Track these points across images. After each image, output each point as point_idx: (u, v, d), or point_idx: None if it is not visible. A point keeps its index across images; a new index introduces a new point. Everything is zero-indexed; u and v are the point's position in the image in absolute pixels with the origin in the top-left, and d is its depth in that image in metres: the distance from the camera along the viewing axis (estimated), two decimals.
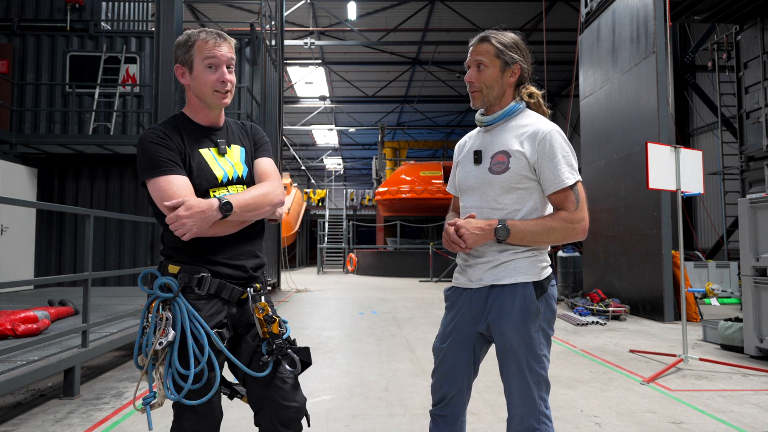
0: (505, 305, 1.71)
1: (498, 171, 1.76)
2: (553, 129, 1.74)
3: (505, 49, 1.80)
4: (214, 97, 1.75)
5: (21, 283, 3.44)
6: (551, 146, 1.71)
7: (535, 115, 1.82)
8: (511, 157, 1.74)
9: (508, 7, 15.85)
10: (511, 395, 1.73)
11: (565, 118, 19.75)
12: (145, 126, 9.93)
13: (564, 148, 1.73)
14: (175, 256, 1.72)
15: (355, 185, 36.35)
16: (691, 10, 9.10)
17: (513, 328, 1.70)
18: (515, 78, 1.82)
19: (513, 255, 1.74)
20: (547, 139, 1.72)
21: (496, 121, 1.82)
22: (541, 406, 1.69)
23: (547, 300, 1.74)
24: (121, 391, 3.99)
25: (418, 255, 18.42)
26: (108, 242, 9.78)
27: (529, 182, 1.75)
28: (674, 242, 6.99)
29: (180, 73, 1.77)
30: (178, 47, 1.76)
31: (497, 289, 1.74)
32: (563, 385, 4.17)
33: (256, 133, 1.93)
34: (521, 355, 1.70)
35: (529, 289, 1.71)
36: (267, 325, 1.70)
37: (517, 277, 1.72)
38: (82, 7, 10.16)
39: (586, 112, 10.03)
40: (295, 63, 19.08)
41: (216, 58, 1.72)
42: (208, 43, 1.72)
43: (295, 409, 1.71)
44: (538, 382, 1.70)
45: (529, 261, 1.74)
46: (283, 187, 1.86)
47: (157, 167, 1.66)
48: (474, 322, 1.80)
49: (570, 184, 1.70)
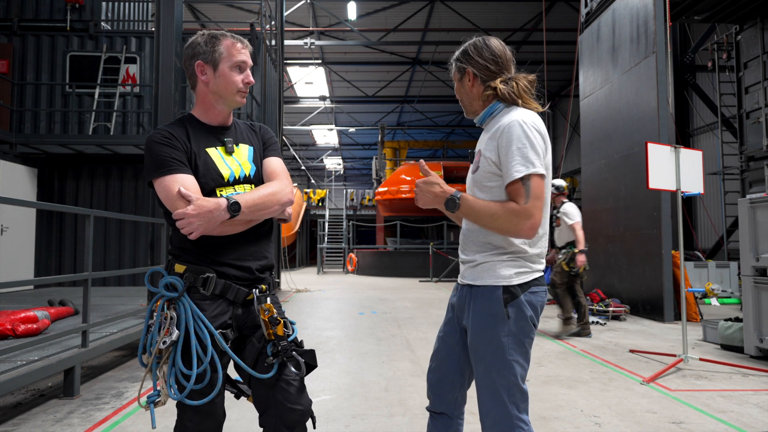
0: (476, 306, 1.73)
1: (473, 170, 1.80)
2: (513, 120, 1.66)
3: (455, 62, 1.86)
4: (236, 96, 1.79)
5: (21, 283, 3.44)
6: (507, 139, 1.65)
7: (514, 112, 1.72)
8: (482, 156, 1.76)
9: (508, 7, 15.84)
10: (480, 398, 1.73)
11: (565, 118, 19.75)
12: (145, 126, 9.94)
13: (521, 140, 1.63)
14: (181, 255, 1.72)
15: (355, 185, 36.33)
16: (691, 10, 9.10)
17: (480, 330, 1.70)
18: (472, 82, 1.81)
19: (489, 257, 1.73)
20: (504, 132, 1.66)
21: (481, 122, 1.86)
22: (514, 410, 1.65)
23: (519, 306, 1.67)
24: (121, 391, 3.99)
25: (418, 255, 18.42)
26: (108, 242, 9.79)
27: (498, 179, 1.70)
28: (674, 242, 6.99)
29: (201, 70, 1.76)
30: (198, 46, 1.77)
31: (474, 289, 1.75)
32: (563, 385, 4.17)
33: (266, 132, 1.94)
34: (489, 358, 1.68)
35: (497, 293, 1.68)
36: (272, 327, 1.69)
37: (488, 279, 1.71)
38: (82, 7, 10.16)
39: (586, 112, 10.04)
40: (295, 63, 19.08)
41: (244, 62, 1.79)
42: (237, 46, 1.78)
43: (300, 412, 1.71)
44: (508, 387, 1.65)
45: (505, 265, 1.70)
46: (292, 186, 1.86)
47: (162, 167, 1.66)
48: (458, 319, 1.85)
49: (518, 176, 1.61)
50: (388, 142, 24.73)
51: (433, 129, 27.23)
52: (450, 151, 27.55)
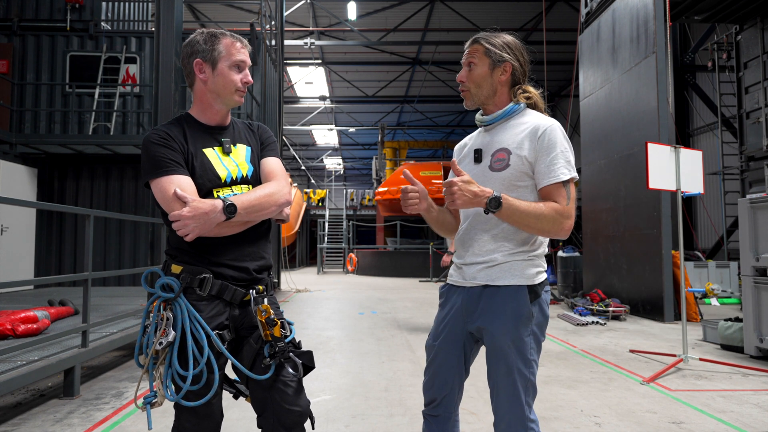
0: (498, 307, 1.70)
1: (498, 168, 1.75)
2: (553, 123, 1.73)
3: (493, 48, 1.80)
4: (234, 95, 1.78)
5: (21, 283, 3.44)
6: (551, 140, 1.70)
7: (535, 113, 1.80)
8: (511, 154, 1.73)
9: (508, 7, 15.84)
10: (498, 399, 1.71)
11: (565, 118, 19.74)
12: (145, 126, 9.93)
13: (563, 144, 1.71)
14: (178, 256, 1.72)
15: (355, 185, 36.32)
16: (691, 10, 9.09)
17: (504, 331, 1.68)
18: (506, 76, 1.81)
19: (509, 256, 1.72)
20: (547, 133, 1.71)
21: (495, 120, 1.82)
22: (527, 412, 1.67)
23: (540, 305, 1.72)
24: (121, 391, 3.99)
25: (418, 255, 18.41)
26: (108, 242, 9.79)
27: (529, 180, 1.73)
28: (674, 242, 6.99)
29: (199, 68, 1.76)
30: (197, 44, 1.76)
31: (491, 289, 1.72)
32: (563, 385, 4.17)
33: (264, 132, 1.93)
34: (511, 358, 1.68)
35: (522, 293, 1.69)
36: (269, 328, 1.69)
37: (511, 279, 1.71)
38: (82, 7, 10.16)
39: (586, 112, 10.03)
40: (295, 63, 19.07)
41: (243, 61, 1.78)
42: (236, 45, 1.77)
43: (297, 413, 1.71)
44: (526, 387, 1.68)
45: (524, 264, 1.72)
46: (290, 186, 1.85)
47: (159, 167, 1.66)
48: (465, 321, 1.79)
49: (564, 179, 1.68)
50: (388, 142, 24.71)
51: (433, 129, 27.23)
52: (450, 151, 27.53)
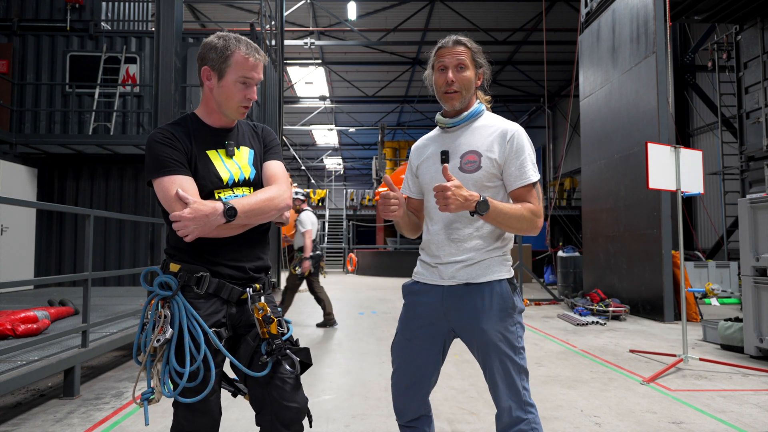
0: (484, 303, 1.78)
1: (470, 170, 1.82)
2: (519, 128, 1.86)
3: (478, 54, 1.90)
4: (237, 111, 1.78)
5: (21, 283, 3.45)
6: (519, 144, 1.81)
7: (493, 116, 1.92)
8: (482, 156, 1.82)
9: (508, 7, 15.85)
10: (497, 390, 1.78)
11: (565, 118, 19.75)
12: (145, 126, 9.93)
13: (529, 147, 1.83)
14: (177, 255, 1.74)
15: (355, 185, 36.31)
16: (691, 10, 9.10)
17: (492, 324, 1.76)
18: (480, 82, 1.92)
19: (486, 254, 1.81)
20: (515, 137, 1.82)
21: (461, 122, 1.89)
22: (525, 396, 1.76)
23: (518, 295, 1.84)
24: (121, 391, 3.99)
25: (417, 255, 18.39)
26: (108, 242, 9.78)
27: (498, 181, 1.84)
28: (674, 242, 6.99)
29: (206, 75, 1.75)
30: (211, 50, 1.73)
31: (473, 287, 1.80)
32: (563, 385, 4.17)
33: (267, 135, 1.93)
34: (504, 350, 1.77)
35: (505, 286, 1.80)
36: (266, 325, 1.71)
37: (492, 275, 1.80)
38: (82, 7, 10.15)
39: (586, 112, 10.03)
40: (295, 63, 19.08)
41: (252, 79, 1.75)
42: (249, 61, 1.73)
43: (295, 409, 1.72)
44: (519, 372, 1.77)
45: (500, 260, 1.84)
46: (291, 189, 1.86)
47: (162, 167, 1.67)
48: (446, 319, 1.84)
49: (534, 180, 1.80)
50: (388, 142, 24.70)
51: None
52: None
